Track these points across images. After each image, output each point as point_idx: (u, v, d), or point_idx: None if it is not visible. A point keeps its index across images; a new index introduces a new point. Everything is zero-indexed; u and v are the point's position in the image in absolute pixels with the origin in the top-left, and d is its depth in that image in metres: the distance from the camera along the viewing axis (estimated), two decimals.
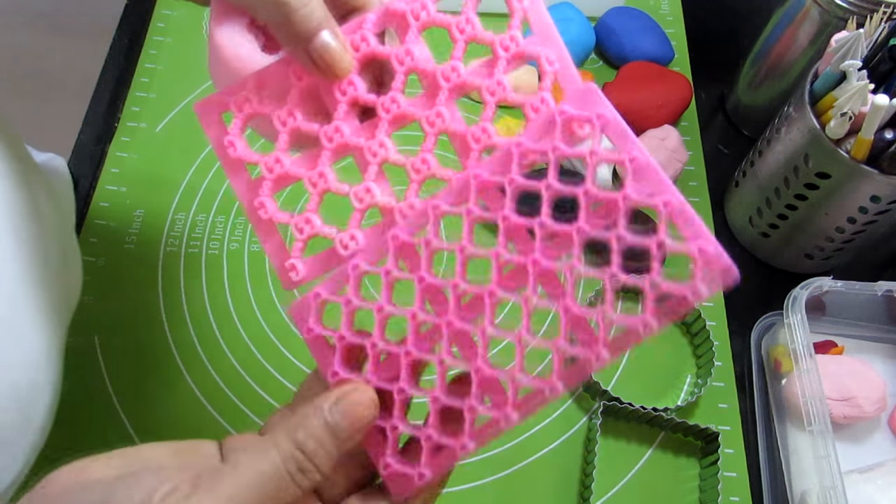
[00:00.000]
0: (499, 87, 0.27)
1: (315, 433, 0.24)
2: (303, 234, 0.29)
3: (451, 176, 0.27)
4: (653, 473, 0.49)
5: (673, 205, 0.24)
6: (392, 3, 0.27)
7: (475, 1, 0.27)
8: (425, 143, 0.28)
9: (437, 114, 0.27)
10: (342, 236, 0.28)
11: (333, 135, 0.28)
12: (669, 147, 0.57)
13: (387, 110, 0.28)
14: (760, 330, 0.53)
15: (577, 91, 0.26)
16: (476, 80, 0.27)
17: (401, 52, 0.27)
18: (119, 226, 0.57)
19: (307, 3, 0.26)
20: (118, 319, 0.53)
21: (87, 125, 0.61)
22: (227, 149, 0.29)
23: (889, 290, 0.48)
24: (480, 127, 0.27)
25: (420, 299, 0.27)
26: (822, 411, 0.43)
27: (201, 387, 0.51)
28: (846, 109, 0.44)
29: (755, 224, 0.56)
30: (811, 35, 0.54)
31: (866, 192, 0.46)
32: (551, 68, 0.27)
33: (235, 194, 0.29)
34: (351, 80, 0.28)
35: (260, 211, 0.29)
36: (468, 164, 0.27)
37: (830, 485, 0.41)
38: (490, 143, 0.27)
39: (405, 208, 0.27)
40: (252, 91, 0.28)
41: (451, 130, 0.27)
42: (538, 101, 0.27)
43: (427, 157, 0.27)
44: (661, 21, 0.69)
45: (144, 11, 0.68)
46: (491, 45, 0.27)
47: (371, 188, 0.28)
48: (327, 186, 0.28)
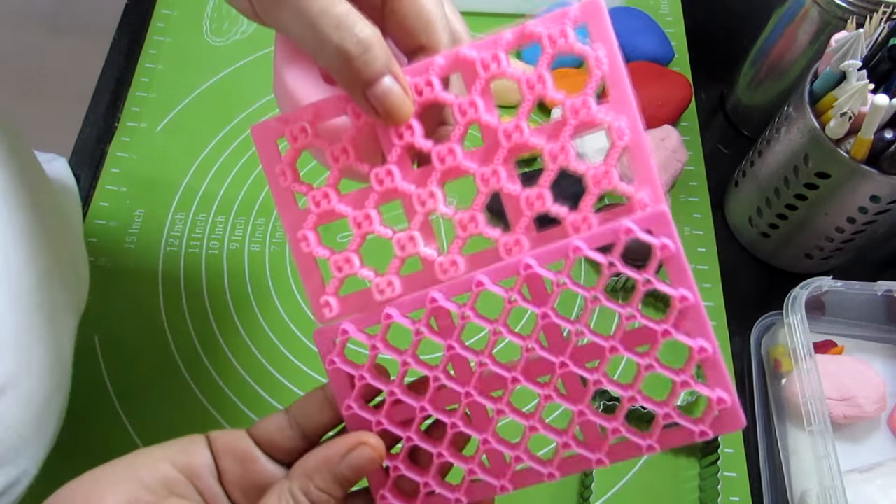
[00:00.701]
0: (562, 154, 0.26)
1: (326, 486, 0.26)
2: (341, 272, 0.28)
3: (498, 237, 0.27)
4: (653, 473, 0.49)
5: (707, 352, 0.26)
6: (464, 50, 0.26)
7: (550, 58, 0.26)
8: (476, 200, 0.27)
9: (493, 172, 0.26)
10: (379, 281, 0.28)
11: (384, 178, 0.27)
12: (669, 147, 0.57)
13: (441, 160, 0.27)
14: (760, 330, 0.53)
15: (652, 215, 0.26)
16: (539, 141, 0.26)
17: (465, 103, 0.26)
18: (119, 226, 0.57)
19: (367, 49, 0.25)
20: (118, 319, 0.53)
21: (87, 125, 0.61)
22: (279, 177, 0.28)
23: (889, 290, 0.48)
24: (536, 192, 0.26)
25: (445, 363, 0.28)
26: (822, 411, 0.43)
27: (201, 386, 0.51)
28: (846, 109, 0.44)
29: (755, 224, 0.56)
30: (811, 35, 0.54)
31: (866, 192, 0.46)
32: (621, 141, 0.25)
33: (281, 223, 0.29)
34: (409, 124, 0.27)
35: (302, 244, 0.28)
36: (517, 228, 0.27)
37: (830, 485, 0.41)
38: (543, 209, 0.26)
39: (446, 264, 0.27)
40: (309, 121, 0.27)
41: (506, 191, 0.27)
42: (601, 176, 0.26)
43: (476, 216, 0.27)
44: (661, 21, 0.69)
45: (144, 11, 0.68)
46: (561, 106, 0.26)
47: (415, 237, 0.27)
48: (371, 229, 0.28)
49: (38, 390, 0.34)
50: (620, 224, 0.26)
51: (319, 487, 0.26)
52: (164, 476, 0.27)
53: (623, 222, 0.26)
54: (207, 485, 0.28)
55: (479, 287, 0.27)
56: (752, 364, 0.53)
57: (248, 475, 0.29)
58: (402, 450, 0.29)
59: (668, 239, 0.25)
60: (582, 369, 0.27)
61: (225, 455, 0.29)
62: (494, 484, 0.28)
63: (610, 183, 0.26)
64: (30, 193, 0.37)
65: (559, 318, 0.27)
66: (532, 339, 0.27)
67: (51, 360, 0.35)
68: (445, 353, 0.28)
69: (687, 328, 0.26)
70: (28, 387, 0.33)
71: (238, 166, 0.60)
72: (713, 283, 0.56)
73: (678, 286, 0.26)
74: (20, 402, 0.33)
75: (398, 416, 0.29)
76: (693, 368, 0.26)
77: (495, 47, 0.26)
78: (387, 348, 0.28)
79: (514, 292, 0.27)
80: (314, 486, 0.26)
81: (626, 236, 0.25)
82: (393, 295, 0.28)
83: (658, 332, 0.26)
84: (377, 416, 0.28)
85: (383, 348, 0.28)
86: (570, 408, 0.27)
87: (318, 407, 0.29)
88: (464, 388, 0.28)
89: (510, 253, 0.27)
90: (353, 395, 0.28)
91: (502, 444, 0.28)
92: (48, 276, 0.36)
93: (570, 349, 0.27)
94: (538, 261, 0.26)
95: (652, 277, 0.26)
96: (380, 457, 0.27)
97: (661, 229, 0.25)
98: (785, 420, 0.49)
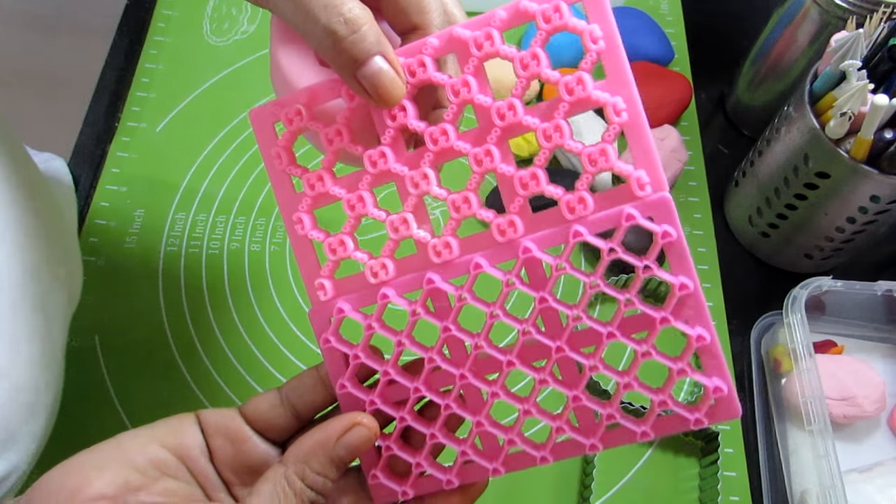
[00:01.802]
0: (556, 132, 0.25)
1: (322, 469, 0.26)
2: (335, 255, 0.28)
3: (492, 219, 0.27)
4: (653, 473, 0.49)
5: (705, 340, 0.26)
6: (457, 29, 0.26)
7: (544, 35, 0.25)
8: (470, 181, 0.27)
9: (487, 152, 0.26)
10: (373, 264, 0.28)
11: (378, 160, 0.27)
12: (669, 147, 0.57)
13: (434, 141, 0.26)
14: (760, 329, 0.53)
15: (654, 201, 0.25)
16: (533, 121, 0.26)
17: (457, 83, 0.26)
18: (119, 226, 0.57)
19: (356, 29, 0.25)
20: (118, 319, 0.53)
21: (87, 125, 0.61)
22: (275, 160, 0.28)
23: (889, 290, 0.48)
24: (530, 172, 0.26)
25: (440, 344, 0.28)
26: (822, 411, 0.43)
27: (201, 386, 0.51)
28: (846, 109, 0.44)
29: (755, 224, 0.56)
30: (811, 35, 0.54)
31: (866, 192, 0.46)
32: (619, 119, 0.25)
33: (277, 204, 0.29)
34: (402, 106, 0.27)
35: (297, 226, 0.29)
36: (511, 209, 0.27)
37: (830, 484, 0.41)
38: (538, 190, 0.26)
39: (440, 245, 0.27)
40: (304, 104, 0.28)
41: (500, 172, 0.26)
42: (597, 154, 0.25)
43: (470, 196, 0.27)
44: (661, 21, 0.69)
45: (144, 11, 0.68)
46: (556, 85, 0.25)
47: (408, 219, 0.27)
48: (365, 211, 0.28)
49: (27, 383, 0.34)
50: (622, 210, 0.25)
51: (315, 471, 0.26)
52: (153, 457, 0.27)
53: (625, 208, 0.25)
54: (198, 465, 0.28)
55: (477, 269, 0.27)
56: (752, 364, 0.53)
57: (240, 455, 0.29)
58: (395, 430, 0.29)
59: (669, 226, 0.25)
60: (578, 354, 0.27)
61: (216, 434, 0.29)
62: (487, 466, 0.28)
63: (607, 161, 0.25)
64: (19, 187, 0.37)
65: (557, 303, 0.26)
66: (529, 323, 0.27)
67: (40, 354, 0.35)
68: (441, 334, 0.27)
69: (686, 316, 0.26)
70: (16, 379, 0.33)
71: (238, 166, 0.60)
72: (713, 283, 0.56)
73: (678, 274, 0.25)
74: (8, 395, 0.33)
75: (392, 396, 0.29)
76: (690, 357, 0.26)
77: (489, 25, 0.26)
78: (382, 328, 0.28)
79: (513, 275, 0.26)
80: (310, 469, 0.26)
81: (627, 222, 0.25)
82: (387, 278, 0.28)
83: (657, 318, 0.26)
84: (371, 396, 0.28)
85: (379, 328, 0.28)
86: (564, 392, 0.27)
87: (311, 386, 0.29)
88: (459, 370, 0.27)
89: (504, 235, 0.26)
90: (347, 375, 0.28)
91: (496, 426, 0.28)
92: (38, 270, 0.36)
93: (567, 334, 0.27)
94: (537, 245, 0.26)
95: (652, 263, 0.25)
96: (374, 436, 0.27)
97: (662, 216, 0.25)
98: (785, 420, 0.49)
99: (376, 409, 0.28)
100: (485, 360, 0.28)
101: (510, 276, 0.26)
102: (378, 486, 0.29)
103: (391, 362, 0.28)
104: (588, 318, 0.26)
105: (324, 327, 0.29)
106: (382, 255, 0.28)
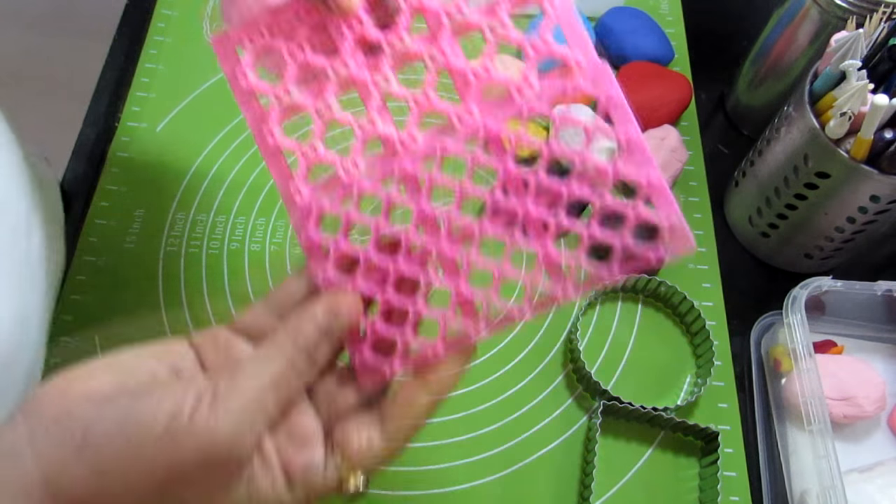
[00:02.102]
0: (500, 26, 0.28)
1: (312, 337, 0.27)
2: (307, 159, 0.30)
3: (449, 110, 0.29)
4: (653, 473, 0.49)
5: (653, 179, 0.27)
6: None
7: None
8: (427, 78, 0.29)
9: (440, 49, 0.28)
10: (344, 162, 0.30)
11: (340, 68, 0.29)
12: (669, 147, 0.57)
13: (391, 45, 0.29)
14: (760, 329, 0.53)
15: (592, 67, 0.28)
16: (478, 18, 0.28)
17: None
18: (119, 226, 0.57)
19: None
20: (118, 319, 0.53)
21: (87, 125, 0.61)
22: (240, 79, 0.30)
23: (889, 290, 0.48)
24: (481, 64, 0.28)
25: (415, 223, 0.29)
26: (822, 411, 0.43)
27: None
28: (846, 109, 0.44)
29: (755, 224, 0.56)
30: (811, 35, 0.54)
31: (866, 192, 0.46)
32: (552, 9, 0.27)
33: (246, 123, 0.31)
34: (358, 17, 0.29)
35: (268, 137, 0.30)
36: (467, 98, 0.29)
37: (830, 484, 0.41)
38: (490, 81, 0.28)
39: (406, 139, 0.29)
40: (264, 27, 0.29)
41: (452, 67, 0.29)
42: (540, 43, 0.28)
43: (428, 92, 0.29)
44: (661, 21, 0.69)
45: (144, 11, 0.68)
46: None
47: (374, 119, 0.29)
48: (332, 116, 0.29)
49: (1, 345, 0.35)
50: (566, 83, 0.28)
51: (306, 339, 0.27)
52: (148, 368, 0.28)
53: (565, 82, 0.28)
54: (191, 375, 0.29)
55: (444, 152, 0.29)
56: (752, 364, 0.53)
57: (231, 362, 0.29)
58: (378, 311, 0.30)
59: (611, 90, 0.27)
60: (545, 210, 0.28)
61: (205, 346, 0.30)
62: (469, 331, 0.29)
63: (547, 47, 0.28)
64: None
65: (518, 168, 0.28)
66: (497, 190, 0.29)
67: (13, 314, 0.36)
68: (415, 212, 0.29)
69: (635, 161, 0.28)
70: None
71: (238, 166, 0.60)
72: (713, 283, 0.56)
73: (621, 127, 0.28)
74: None
75: (374, 280, 0.30)
76: (643, 198, 0.28)
77: None
78: (361, 216, 0.29)
79: (478, 149, 0.28)
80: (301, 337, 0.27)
81: (572, 88, 0.28)
82: (358, 175, 0.29)
83: (608, 168, 0.28)
84: (352, 280, 0.30)
85: (357, 216, 0.29)
86: (534, 249, 0.29)
87: (295, 286, 0.30)
88: (435, 244, 0.29)
89: (462, 122, 0.28)
90: (329, 265, 0.30)
91: (474, 290, 0.29)
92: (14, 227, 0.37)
93: (531, 195, 0.28)
94: (495, 121, 0.28)
95: (598, 124, 0.28)
96: (356, 306, 0.28)
97: (603, 85, 0.28)
98: (785, 420, 0.49)
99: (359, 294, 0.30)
100: (458, 232, 0.30)
101: (474, 148, 0.28)
102: (363, 365, 0.30)
103: (371, 247, 0.30)
104: (547, 176, 0.28)
105: (304, 226, 0.30)
106: (352, 155, 0.30)
